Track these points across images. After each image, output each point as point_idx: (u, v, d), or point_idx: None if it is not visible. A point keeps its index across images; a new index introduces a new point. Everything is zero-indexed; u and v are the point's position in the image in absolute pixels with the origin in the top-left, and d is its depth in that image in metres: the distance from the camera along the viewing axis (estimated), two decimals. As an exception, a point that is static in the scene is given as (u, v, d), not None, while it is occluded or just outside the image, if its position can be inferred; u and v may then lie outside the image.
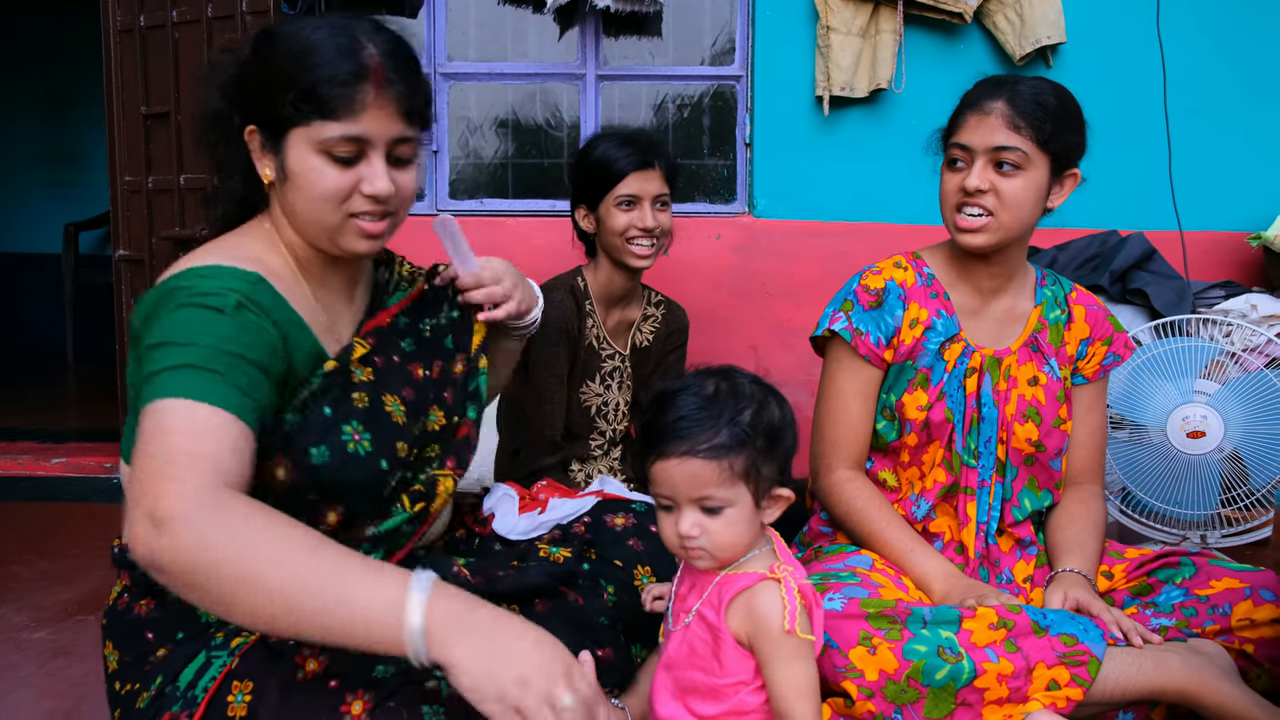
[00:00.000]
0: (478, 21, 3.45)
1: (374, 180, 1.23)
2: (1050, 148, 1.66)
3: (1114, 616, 1.52)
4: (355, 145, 1.22)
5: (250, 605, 0.95)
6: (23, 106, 6.52)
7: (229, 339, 1.10)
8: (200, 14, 3.12)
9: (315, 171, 1.22)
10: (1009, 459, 1.77)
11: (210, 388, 1.06)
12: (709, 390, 1.27)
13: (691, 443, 1.22)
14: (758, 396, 1.28)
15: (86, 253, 6.06)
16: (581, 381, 2.29)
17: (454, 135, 3.46)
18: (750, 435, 1.24)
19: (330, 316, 1.35)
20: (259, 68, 1.24)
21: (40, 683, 1.83)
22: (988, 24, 3.22)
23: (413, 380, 1.41)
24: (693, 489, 1.23)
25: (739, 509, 1.25)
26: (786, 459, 1.29)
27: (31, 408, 4.31)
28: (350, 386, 1.30)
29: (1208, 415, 2.37)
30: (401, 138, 1.25)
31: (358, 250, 1.29)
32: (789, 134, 3.30)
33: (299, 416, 1.21)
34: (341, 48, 1.20)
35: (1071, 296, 1.86)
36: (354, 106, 1.19)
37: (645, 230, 2.18)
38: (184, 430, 1.03)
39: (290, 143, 1.22)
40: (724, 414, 1.24)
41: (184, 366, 1.07)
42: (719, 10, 3.42)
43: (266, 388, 1.14)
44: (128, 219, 3.37)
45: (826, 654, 1.46)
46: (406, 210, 1.33)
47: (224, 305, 1.13)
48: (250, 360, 1.11)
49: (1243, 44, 3.28)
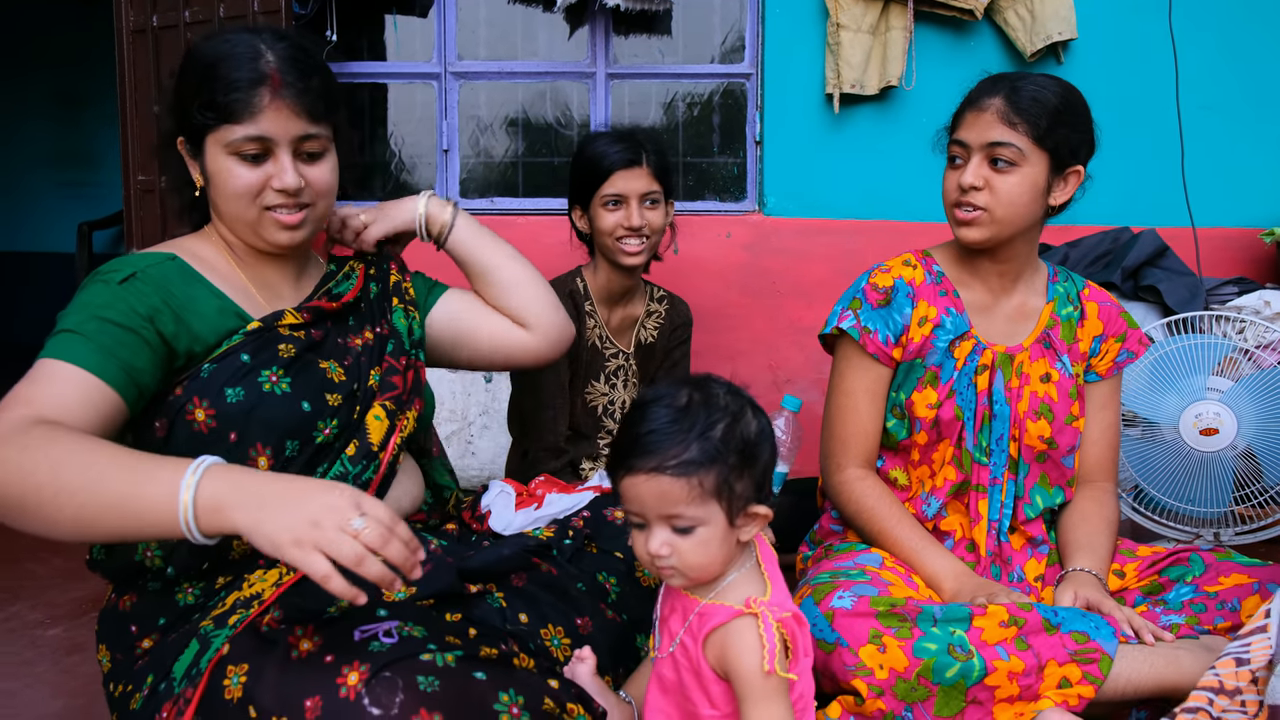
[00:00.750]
0: (488, 20, 3.45)
1: (281, 175, 1.36)
2: (1047, 144, 1.66)
3: (1125, 614, 1.51)
4: (259, 144, 1.34)
5: (52, 515, 1.06)
6: (36, 106, 6.56)
7: (104, 306, 1.25)
8: (213, 14, 3.14)
9: (228, 172, 1.36)
10: (1021, 456, 1.77)
11: (70, 347, 1.21)
12: (680, 402, 1.20)
13: (660, 458, 1.15)
14: (732, 409, 1.21)
15: (100, 252, 6.10)
16: (586, 382, 2.29)
17: (464, 134, 3.47)
18: (722, 451, 1.17)
19: (269, 296, 1.46)
20: (179, 82, 1.39)
21: (55, 679, 1.85)
22: (998, 20, 3.21)
23: (351, 349, 1.50)
24: (661, 506, 1.17)
25: (711, 528, 1.18)
26: (764, 474, 1.22)
27: (46, 406, 4.33)
28: (276, 339, 1.38)
29: (1221, 412, 2.36)
30: (305, 135, 1.37)
31: (279, 241, 1.41)
32: (799, 132, 3.30)
33: (215, 365, 1.31)
34: (241, 57, 1.33)
35: (1084, 293, 1.85)
36: (252, 109, 1.32)
37: (632, 229, 2.17)
38: (33, 380, 1.19)
39: (207, 148, 1.36)
40: (695, 428, 1.17)
41: (60, 332, 1.24)
42: (729, 8, 3.42)
43: (136, 347, 1.24)
44: (141, 218, 3.39)
45: (836, 652, 1.46)
46: (327, 202, 1.44)
47: (112, 279, 1.28)
48: (120, 324, 1.24)
49: (1255, 40, 3.27)
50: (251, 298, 1.43)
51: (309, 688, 1.06)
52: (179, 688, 1.18)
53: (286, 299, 1.49)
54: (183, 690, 1.17)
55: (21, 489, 1.06)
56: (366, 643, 1.11)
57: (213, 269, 1.41)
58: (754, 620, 1.17)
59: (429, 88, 3.42)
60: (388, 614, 1.19)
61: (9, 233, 6.66)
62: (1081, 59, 3.22)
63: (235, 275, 1.43)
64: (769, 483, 1.24)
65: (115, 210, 5.54)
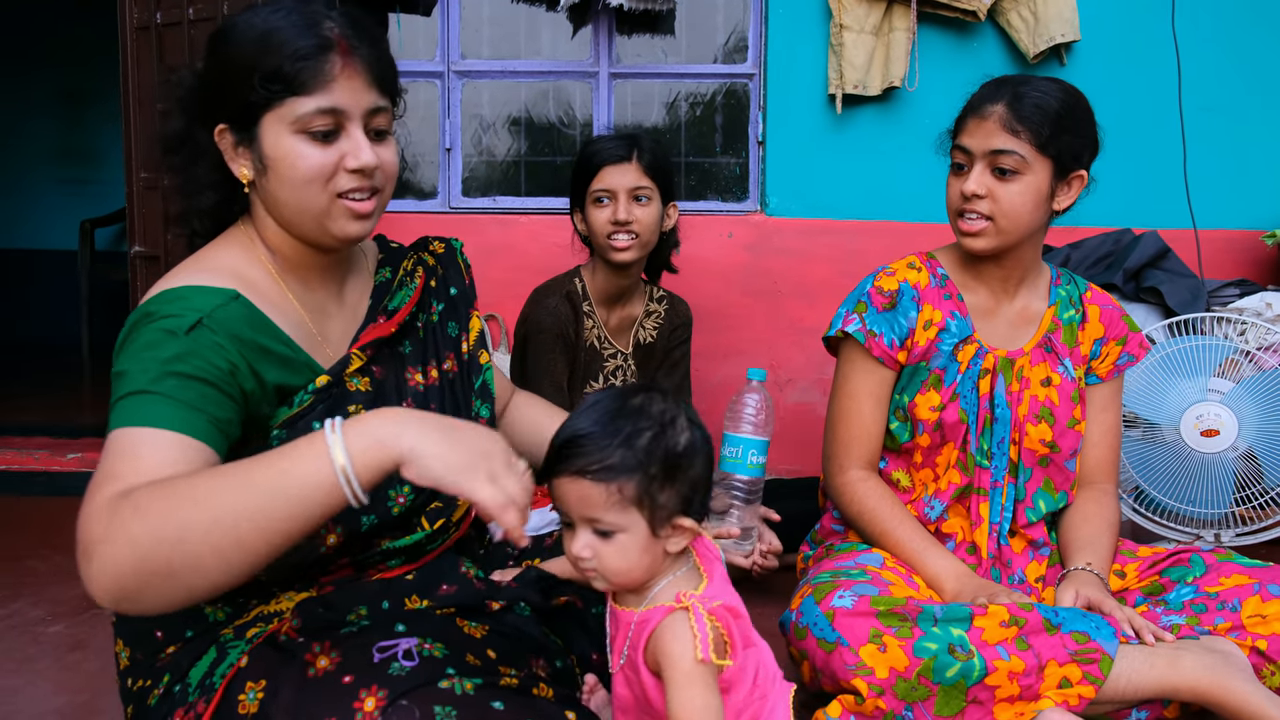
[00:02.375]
0: (491, 19, 3.45)
1: (358, 152, 1.20)
2: (1050, 151, 1.65)
3: (1126, 614, 1.52)
4: (332, 118, 1.18)
5: (205, 557, 0.95)
6: (39, 103, 6.57)
7: (177, 359, 1.09)
8: (216, 11, 3.14)
9: (295, 153, 1.18)
10: (1021, 460, 1.77)
11: (151, 410, 1.06)
12: (614, 407, 1.18)
13: (583, 461, 1.14)
14: (663, 419, 1.17)
15: (102, 249, 6.10)
16: (584, 383, 2.29)
17: (467, 133, 3.47)
18: (643, 460, 1.14)
19: (319, 321, 1.31)
20: (220, 62, 1.21)
21: (57, 676, 1.85)
22: (1001, 22, 3.21)
23: (411, 388, 1.37)
24: (582, 509, 1.15)
25: (632, 535, 1.16)
26: (693, 489, 1.19)
27: (47, 403, 4.34)
28: (345, 398, 1.26)
29: (1222, 414, 2.36)
30: (376, 107, 1.22)
31: (349, 233, 1.24)
32: (802, 132, 3.30)
33: (285, 433, 1.19)
34: (299, 25, 1.18)
35: (1086, 296, 1.85)
36: (323, 77, 1.16)
37: (618, 224, 2.16)
38: (116, 455, 1.05)
39: (264, 129, 1.19)
40: (619, 434, 1.14)
41: (131, 394, 1.08)
42: (732, 8, 3.42)
43: (221, 401, 1.12)
44: (143, 215, 3.39)
45: (836, 651, 1.46)
46: (392, 188, 1.29)
47: (179, 327, 1.11)
48: (199, 379, 1.10)
49: (1257, 42, 3.27)
50: (307, 330, 1.28)
51: (325, 710, 1.04)
52: (193, 696, 1.16)
53: (336, 321, 1.34)
54: (196, 700, 1.15)
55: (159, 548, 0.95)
56: (386, 664, 1.08)
57: (269, 301, 1.24)
58: (685, 613, 1.15)
59: (432, 86, 3.43)
60: (407, 629, 1.16)
61: (11, 230, 6.66)
62: (1084, 61, 3.22)
63: (288, 303, 1.27)
64: (699, 497, 1.21)
65: (118, 208, 5.54)
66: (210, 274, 1.20)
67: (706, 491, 1.23)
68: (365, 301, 1.38)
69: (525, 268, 3.12)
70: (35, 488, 3.19)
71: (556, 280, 2.29)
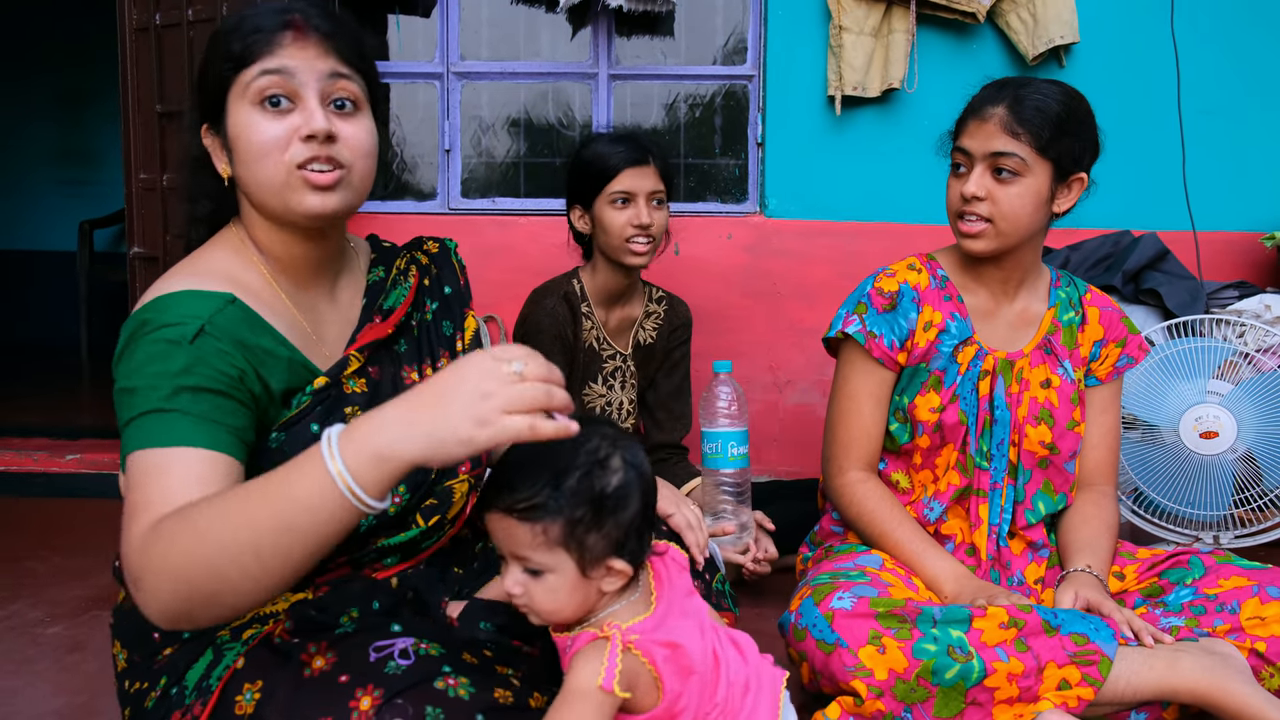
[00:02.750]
0: (490, 20, 3.45)
1: (309, 119, 1.17)
2: (1050, 153, 1.65)
3: (1125, 616, 1.52)
4: (279, 79, 1.17)
5: (240, 581, 0.96)
6: (38, 104, 6.57)
7: (186, 371, 1.09)
8: (216, 13, 3.14)
9: (249, 124, 1.18)
10: (1021, 461, 1.77)
11: (170, 429, 1.07)
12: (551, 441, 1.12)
13: (509, 498, 1.10)
14: (595, 459, 1.13)
15: (101, 250, 6.10)
16: (583, 384, 2.29)
17: (466, 134, 3.47)
18: (570, 502, 1.10)
19: (313, 321, 1.31)
20: (202, 61, 1.24)
21: (56, 677, 1.85)
22: (1000, 24, 3.21)
23: (408, 388, 1.34)
24: (510, 546, 1.13)
25: (560, 576, 1.13)
26: (625, 532, 1.14)
27: (46, 404, 4.34)
28: (342, 400, 1.26)
29: (1221, 416, 2.36)
30: (334, 72, 1.20)
31: (309, 207, 1.20)
32: (801, 134, 3.30)
33: (284, 435, 1.19)
34: (267, 11, 1.20)
35: (1086, 298, 1.85)
36: (272, 46, 1.17)
37: (641, 227, 2.16)
38: (144, 479, 1.05)
39: (229, 112, 1.20)
40: (549, 472, 1.10)
41: (145, 414, 1.08)
42: (731, 10, 3.42)
43: (236, 410, 1.12)
44: (142, 216, 3.39)
45: (835, 652, 1.46)
46: (364, 171, 1.25)
47: (182, 336, 1.11)
48: (212, 390, 1.10)
49: (1256, 44, 3.27)
50: (302, 331, 1.28)
51: (321, 710, 1.04)
52: (189, 698, 1.16)
53: (330, 321, 1.34)
54: (193, 703, 1.15)
55: (195, 577, 0.97)
56: (382, 663, 1.08)
57: (263, 303, 1.23)
58: (604, 642, 1.13)
59: (431, 87, 3.43)
60: (403, 629, 1.15)
61: (10, 231, 6.65)
62: (1084, 62, 3.23)
63: (282, 304, 1.27)
64: (634, 539, 1.16)
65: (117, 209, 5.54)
66: (204, 278, 1.20)
67: (642, 535, 1.17)
68: (359, 301, 1.38)
69: (524, 269, 3.12)
70: (34, 489, 3.19)
71: (555, 281, 2.29)
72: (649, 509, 1.18)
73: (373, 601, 1.25)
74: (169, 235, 3.32)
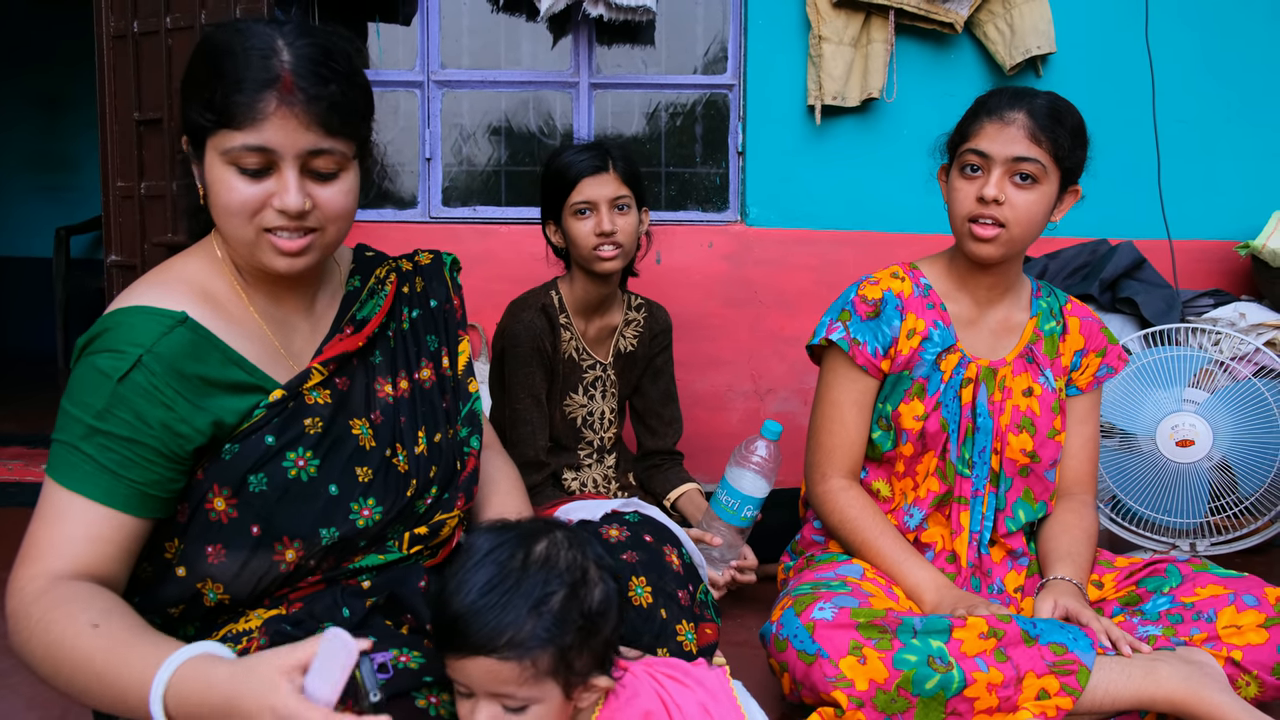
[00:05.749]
0: (471, 29, 3.45)
1: (283, 195, 1.15)
2: (1066, 163, 1.68)
3: (1103, 625, 1.53)
4: (261, 156, 1.14)
5: (64, 689, 1.06)
6: (15, 109, 6.51)
7: (106, 412, 1.11)
8: (194, 20, 3.12)
9: (224, 184, 1.16)
10: (1003, 469, 1.78)
11: (75, 470, 1.11)
12: (513, 565, 1.06)
13: (486, 638, 1.02)
14: (574, 575, 1.07)
15: (78, 257, 6.04)
16: (564, 395, 2.29)
17: (447, 142, 3.46)
18: (558, 628, 1.03)
19: (281, 334, 1.29)
20: (185, 74, 1.20)
21: (30, 691, 1.83)
22: (978, 34, 3.24)
23: (380, 400, 1.34)
24: (489, 686, 1.04)
25: (546, 705, 1.06)
26: (607, 645, 1.10)
27: (22, 413, 4.30)
28: (302, 412, 1.24)
29: (1197, 424, 2.38)
30: (316, 149, 1.16)
31: (276, 268, 1.20)
32: (781, 143, 3.31)
33: (237, 446, 1.18)
34: (253, 52, 1.13)
35: (1066, 308, 1.87)
36: (255, 115, 1.12)
37: (604, 234, 2.16)
38: (46, 517, 1.12)
39: (206, 152, 1.17)
40: (527, 599, 1.03)
41: (63, 444, 1.12)
42: (711, 19, 3.43)
43: (148, 461, 1.13)
44: (120, 224, 3.37)
45: (816, 663, 1.46)
46: (339, 228, 1.23)
47: (115, 370, 1.11)
48: (124, 438, 1.11)
49: (1231, 54, 3.31)
50: (268, 344, 1.26)
51: None
52: None
53: (301, 333, 1.32)
54: None
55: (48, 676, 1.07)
56: None
57: (225, 311, 1.23)
58: None
59: (412, 96, 3.42)
60: (379, 640, 1.12)
61: (-14, 237, 6.61)
62: (1060, 72, 3.25)
63: (248, 316, 1.26)
64: (613, 650, 1.12)
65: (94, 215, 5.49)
66: (168, 287, 1.20)
67: (617, 644, 1.14)
68: (332, 311, 1.36)
69: (505, 277, 3.11)
70: (9, 498, 3.16)
71: (533, 293, 2.29)
72: (621, 619, 1.13)
73: (343, 609, 1.23)
74: (146, 243, 3.29)
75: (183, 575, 1.19)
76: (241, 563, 1.18)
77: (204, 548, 1.18)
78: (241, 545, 1.17)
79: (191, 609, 1.21)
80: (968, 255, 1.74)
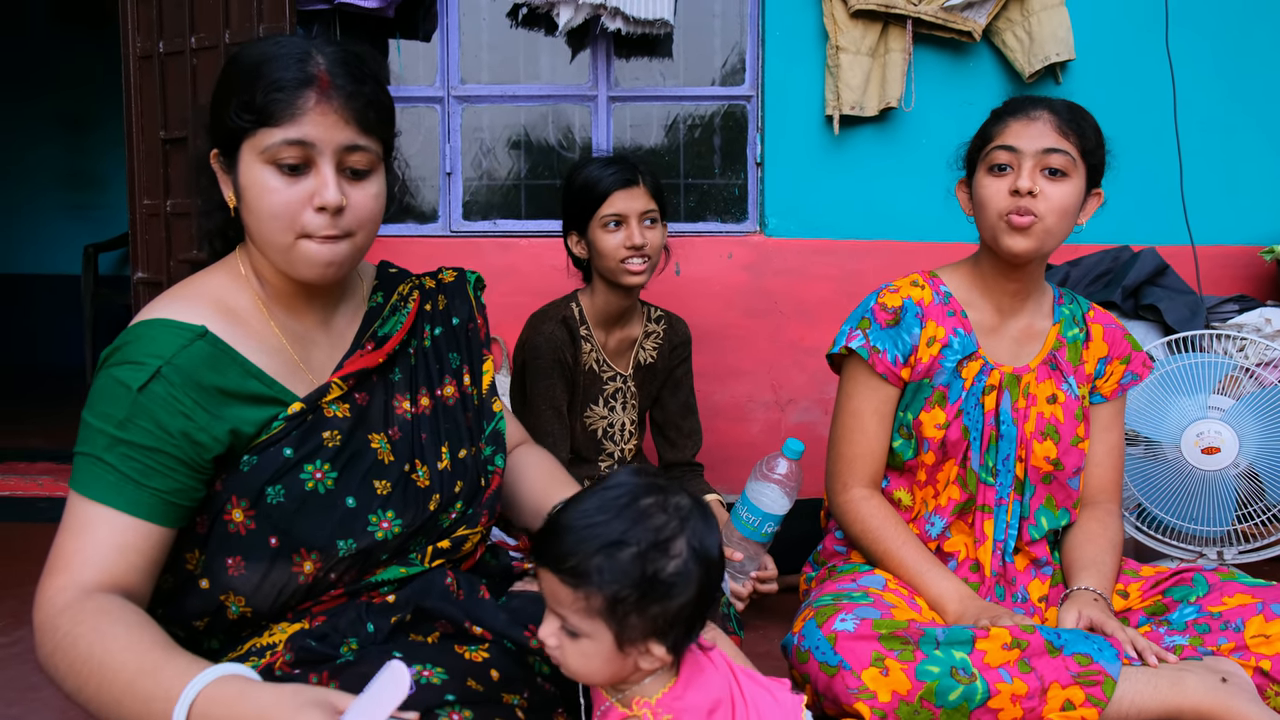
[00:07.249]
0: (490, 44, 3.48)
1: (322, 191, 1.17)
2: (1090, 159, 1.69)
3: (1129, 635, 1.51)
4: (300, 150, 1.17)
5: (87, 704, 1.07)
6: (44, 129, 6.61)
7: (125, 423, 1.13)
8: (218, 40, 3.17)
9: (263, 186, 1.18)
10: (1027, 477, 1.77)
11: (99, 481, 1.13)
12: (618, 502, 1.09)
13: (557, 556, 1.07)
14: (658, 537, 1.07)
15: (105, 274, 6.12)
16: (585, 407, 2.30)
17: (467, 156, 3.49)
18: (618, 577, 1.05)
19: (303, 349, 1.30)
20: (217, 88, 1.23)
21: (60, 705, 1.85)
22: (996, 42, 3.23)
23: (399, 417, 1.35)
24: (552, 602, 1.10)
25: (597, 644, 1.08)
26: (670, 619, 1.08)
27: (50, 428, 4.34)
28: (321, 424, 1.25)
29: (1222, 431, 2.36)
30: (353, 145, 1.19)
31: (309, 278, 1.23)
32: (800, 153, 3.32)
33: (255, 458, 1.20)
34: (289, 57, 1.18)
35: (1089, 315, 1.86)
36: (294, 111, 1.16)
37: (635, 248, 2.18)
38: (72, 529, 1.13)
39: (241, 157, 1.20)
40: (605, 538, 1.06)
41: (86, 456, 1.14)
42: (729, 31, 3.44)
43: (170, 469, 1.15)
44: (146, 242, 3.41)
45: (839, 675, 1.46)
46: (368, 234, 1.25)
47: (134, 381, 1.14)
48: (145, 446, 1.13)
49: (1252, 58, 3.29)
50: (288, 358, 1.28)
51: None
52: None
53: (321, 348, 1.33)
54: None
55: (62, 685, 1.10)
56: None
57: (246, 326, 1.25)
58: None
59: (432, 111, 3.45)
60: (404, 655, 1.13)
61: (15, 255, 6.69)
62: (1079, 79, 3.24)
63: (269, 330, 1.27)
64: (681, 628, 1.10)
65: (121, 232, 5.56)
66: (188, 302, 1.23)
67: (692, 625, 1.12)
68: (354, 327, 1.37)
69: (526, 290, 3.13)
70: (38, 513, 3.20)
71: (553, 305, 2.30)
72: (704, 600, 1.11)
73: (367, 624, 1.24)
74: (173, 260, 3.33)
75: (206, 588, 1.20)
76: (261, 574, 1.19)
77: (224, 559, 1.19)
78: (260, 557, 1.19)
79: (216, 622, 1.22)
80: (1002, 253, 1.71)
